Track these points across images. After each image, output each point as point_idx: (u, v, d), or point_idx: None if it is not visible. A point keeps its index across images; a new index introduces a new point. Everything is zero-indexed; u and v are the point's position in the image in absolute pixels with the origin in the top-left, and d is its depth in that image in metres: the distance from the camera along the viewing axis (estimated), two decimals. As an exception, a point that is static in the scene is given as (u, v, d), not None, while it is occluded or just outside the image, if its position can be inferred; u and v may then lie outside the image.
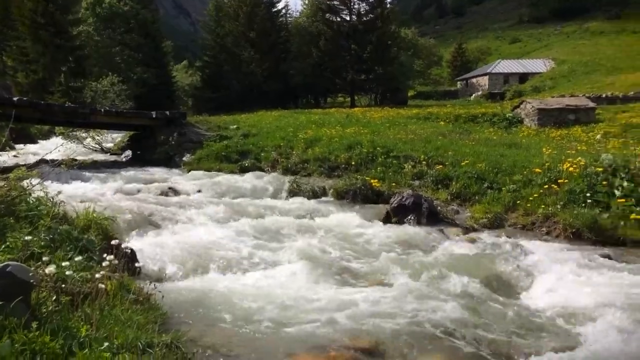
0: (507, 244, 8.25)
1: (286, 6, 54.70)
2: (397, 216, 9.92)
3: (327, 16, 51.29)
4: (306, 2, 56.37)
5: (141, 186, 12.75)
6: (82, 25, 42.67)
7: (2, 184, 5.19)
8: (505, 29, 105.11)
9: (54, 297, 3.45)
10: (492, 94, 53.97)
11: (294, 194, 12.36)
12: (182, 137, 19.75)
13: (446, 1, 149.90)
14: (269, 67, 47.00)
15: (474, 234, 9.13)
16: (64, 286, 3.65)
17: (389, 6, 53.52)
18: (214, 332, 4.48)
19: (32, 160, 16.23)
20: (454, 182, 11.66)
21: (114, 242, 4.58)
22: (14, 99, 17.04)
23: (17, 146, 22.95)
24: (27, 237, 4.21)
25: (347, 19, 51.37)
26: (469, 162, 12.65)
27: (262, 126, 22.26)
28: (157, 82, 45.14)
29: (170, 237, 7.73)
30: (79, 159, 14.74)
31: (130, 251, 5.83)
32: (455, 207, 10.81)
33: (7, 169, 6.35)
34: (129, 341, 3.31)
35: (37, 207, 5.22)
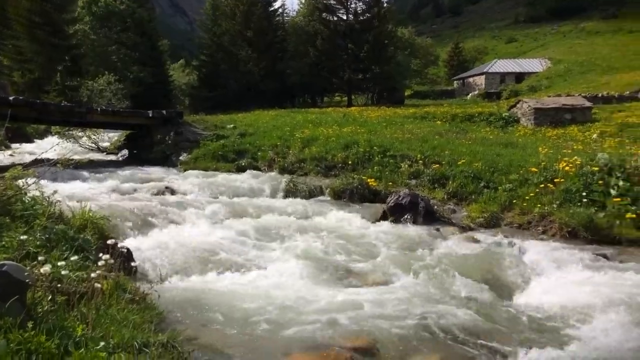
0: (504, 243, 8.28)
1: (283, 5, 55.19)
2: (394, 215, 9.93)
3: (324, 15, 51.32)
4: (303, 1, 56.42)
5: (138, 185, 12.74)
6: (78, 24, 42.64)
7: (-2, 183, 5.17)
8: (501, 28, 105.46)
9: (50, 297, 3.43)
10: (488, 94, 54.13)
11: (290, 194, 12.35)
12: (178, 136, 19.72)
13: (443, 0, 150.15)
14: (265, 67, 47.01)
15: (470, 233, 9.14)
16: (59, 286, 3.64)
17: (385, 5, 53.63)
18: (211, 331, 4.48)
19: (28, 159, 16.20)
20: (451, 182, 11.68)
21: (110, 242, 4.57)
22: (10, 98, 16.96)
23: (13, 145, 22.87)
24: (23, 237, 4.19)
25: (344, 18, 51.42)
26: (465, 161, 12.67)
27: (259, 125, 22.23)
28: (153, 81, 45.09)
29: (166, 237, 7.71)
30: (75, 158, 14.67)
31: (126, 251, 5.82)
32: (451, 207, 10.83)
33: (3, 168, 6.33)
34: (125, 341, 3.30)
35: (33, 207, 5.21)
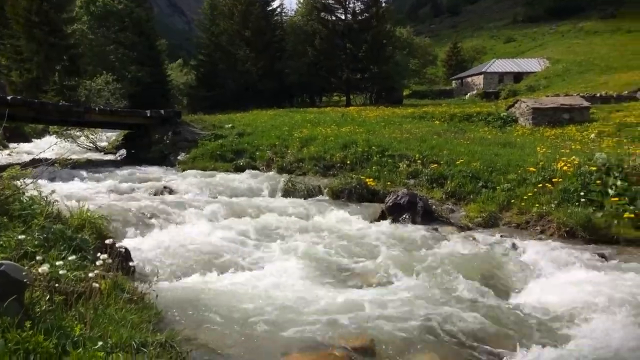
0: (502, 242, 8.29)
1: (281, 5, 54.74)
2: (392, 215, 9.93)
3: (322, 15, 51.28)
4: (301, 0, 56.34)
5: (136, 185, 12.73)
6: (77, 23, 42.48)
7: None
8: (500, 28, 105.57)
9: (48, 297, 3.43)
10: (487, 93, 54.17)
11: (289, 193, 12.35)
12: (176, 136, 19.71)
13: (441, 0, 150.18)
14: (264, 66, 46.95)
15: (468, 232, 9.15)
16: (57, 285, 3.63)
17: (384, 5, 53.70)
18: (209, 331, 4.48)
19: (26, 159, 16.16)
20: (449, 181, 11.69)
21: (108, 241, 4.56)
22: (8, 97, 16.92)
23: (10, 145, 22.82)
24: (21, 236, 4.18)
25: (342, 17, 51.37)
26: (463, 161, 12.68)
27: (257, 125, 22.23)
28: (151, 80, 44.99)
29: (165, 236, 7.71)
30: (73, 158, 14.65)
31: (124, 250, 5.80)
32: (450, 206, 10.84)
33: (0, 168, 6.31)
34: (123, 340, 3.30)
35: (31, 206, 5.19)
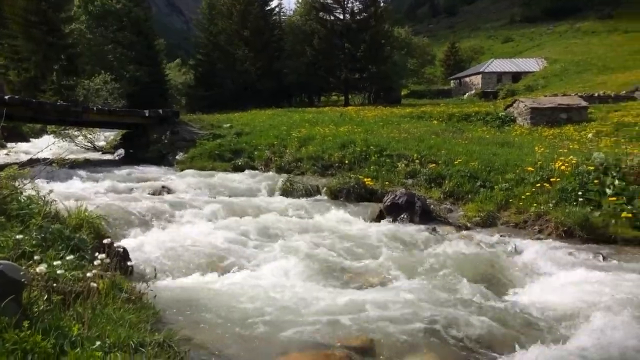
0: (500, 242, 8.30)
1: (280, 4, 54.70)
2: (391, 215, 9.93)
3: (321, 15, 51.30)
4: (299, 0, 56.33)
5: (134, 185, 12.70)
6: (75, 23, 42.39)
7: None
8: (497, 28, 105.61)
9: (46, 296, 3.42)
10: (485, 93, 54.20)
11: (287, 193, 12.34)
12: (175, 135, 19.70)
13: (439, 0, 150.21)
14: (262, 66, 46.93)
15: (467, 232, 9.16)
16: (55, 285, 3.63)
17: (382, 5, 53.67)
18: (207, 331, 4.47)
19: (24, 158, 16.13)
20: (447, 181, 11.70)
21: (106, 241, 4.55)
22: (6, 97, 16.90)
23: (8, 145, 22.78)
24: (19, 236, 4.17)
25: (341, 17, 51.40)
26: (462, 160, 12.69)
27: (256, 125, 22.23)
28: (149, 80, 44.92)
29: (163, 236, 7.71)
30: (71, 157, 14.63)
31: (122, 250, 5.81)
32: (448, 206, 10.85)
33: (-2, 168, 6.32)
34: (121, 340, 3.29)
35: (29, 206, 5.19)
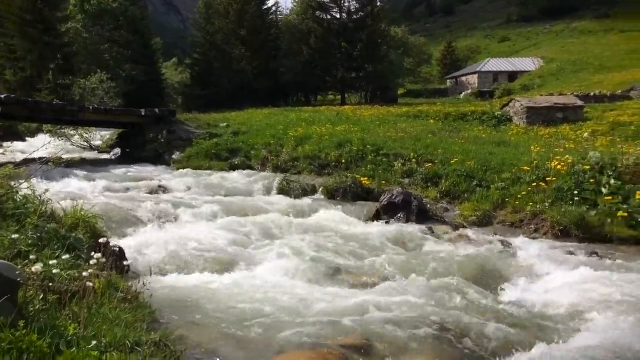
0: (496, 241, 8.32)
1: (276, 3, 54.86)
2: (387, 214, 9.95)
3: (318, 14, 51.29)
4: (296, -1, 56.37)
5: (130, 184, 12.69)
6: (71, 22, 42.25)
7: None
8: (494, 27, 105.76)
9: (41, 296, 3.41)
10: (481, 93, 54.25)
11: (284, 192, 12.32)
12: (171, 135, 19.66)
13: (435, 0, 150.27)
14: (259, 65, 46.89)
15: (463, 231, 9.17)
16: (51, 285, 3.62)
17: (379, 4, 53.67)
18: (203, 330, 4.47)
19: (20, 158, 16.08)
20: (444, 180, 11.72)
21: (102, 241, 4.55)
22: (2, 96, 16.85)
23: (4, 144, 22.65)
24: (14, 236, 4.17)
25: (338, 16, 51.40)
26: (458, 160, 12.71)
27: (252, 124, 22.20)
28: (146, 79, 44.88)
29: (159, 236, 7.69)
30: (67, 157, 14.61)
31: (118, 249, 5.81)
32: (444, 205, 10.87)
33: (-6, 167, 6.30)
34: (117, 340, 3.29)
35: (25, 205, 5.17)
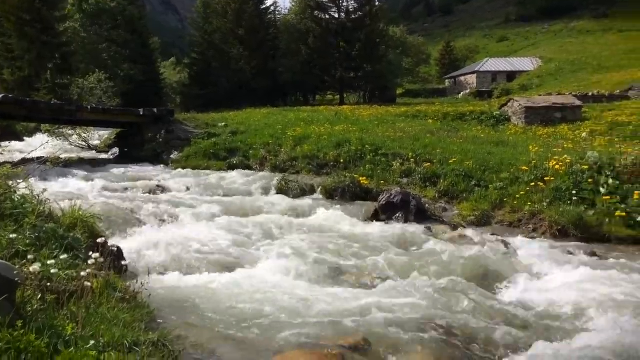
0: (495, 241, 8.30)
1: (275, 3, 54.65)
2: (386, 214, 9.94)
3: (316, 13, 51.31)
4: (295, -1, 56.34)
5: (129, 184, 12.67)
6: (69, 21, 42.14)
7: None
8: (492, 27, 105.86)
9: (39, 296, 3.41)
10: (480, 92, 54.31)
11: (282, 192, 12.31)
12: (170, 134, 19.65)
13: (434, 0, 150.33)
14: (257, 65, 46.87)
15: (461, 231, 9.16)
16: (49, 284, 3.62)
17: (377, 4, 53.78)
18: (202, 330, 4.47)
19: (18, 157, 16.07)
20: (442, 180, 11.72)
21: (100, 240, 4.54)
22: (-1, 95, 16.84)
23: (2, 144, 22.56)
24: (12, 235, 4.16)
25: (336, 16, 51.42)
26: (456, 160, 12.72)
27: (251, 124, 22.19)
28: (144, 79, 44.86)
29: (157, 235, 7.68)
30: (65, 156, 14.60)
31: (116, 249, 5.80)
32: (443, 205, 10.87)
33: (-9, 167, 6.28)
34: (115, 339, 3.29)
35: (22, 205, 5.16)
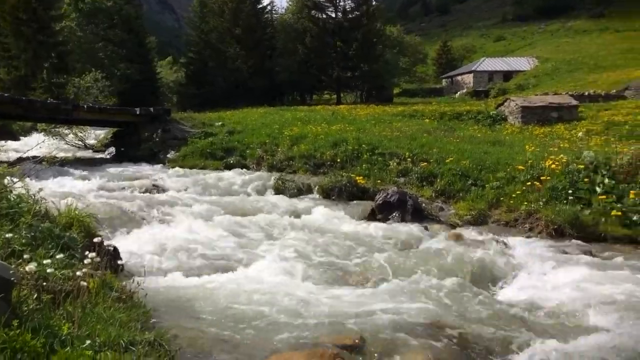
0: (491, 240, 8.31)
1: (271, 2, 54.54)
2: (382, 213, 9.95)
3: (313, 13, 51.25)
4: (292, -2, 56.26)
5: (125, 183, 12.64)
6: (65, 20, 41.99)
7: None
8: (489, 27, 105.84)
9: (35, 295, 3.40)
10: (476, 92, 54.34)
11: (279, 192, 12.32)
12: (166, 133, 19.62)
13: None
14: (254, 64, 46.81)
15: (458, 230, 9.18)
16: (45, 284, 3.61)
17: (374, 3, 53.71)
18: (198, 329, 4.46)
19: (14, 157, 16.03)
20: (439, 179, 11.74)
21: (96, 240, 4.54)
22: (-5, 95, 16.81)
23: (-2, 143, 22.60)
24: (8, 235, 4.15)
25: (333, 16, 51.40)
26: (453, 159, 12.73)
27: (248, 123, 22.18)
28: (141, 78, 44.76)
29: (154, 235, 7.68)
30: (61, 155, 14.55)
31: (113, 249, 5.79)
32: (439, 204, 10.88)
33: (-13, 166, 6.26)
34: (112, 339, 3.28)
35: (18, 205, 5.15)
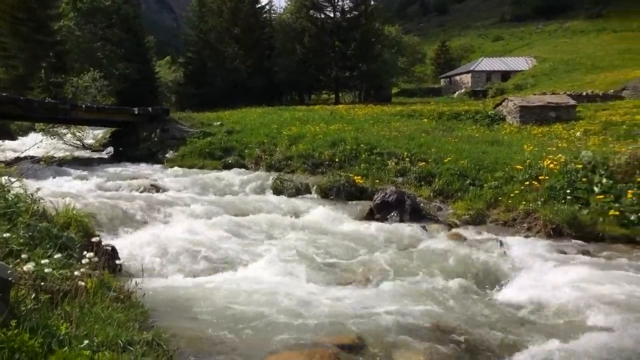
0: (489, 240, 8.34)
1: (270, 2, 54.61)
2: (380, 213, 9.96)
3: (311, 13, 51.19)
4: (290, -2, 56.22)
5: (123, 183, 12.63)
6: (63, 20, 41.90)
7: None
8: (487, 27, 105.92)
9: (33, 295, 3.39)
10: (475, 92, 54.34)
11: (278, 191, 12.33)
12: (165, 133, 19.61)
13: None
14: (253, 64, 46.78)
15: (456, 230, 9.20)
16: (43, 284, 3.60)
17: (372, 3, 53.63)
18: (196, 329, 4.46)
19: (12, 156, 16.02)
20: (437, 179, 11.75)
21: (94, 240, 4.53)
22: (-7, 94, 16.78)
23: (-4, 142, 22.55)
24: (6, 235, 4.14)
25: (331, 15, 51.34)
26: (451, 159, 12.74)
27: (246, 123, 22.17)
28: (139, 77, 44.67)
29: (152, 234, 7.66)
30: (59, 155, 14.54)
31: (111, 248, 5.79)
32: (437, 204, 10.89)
33: (-15, 166, 6.25)
34: (110, 339, 3.28)
35: (16, 204, 5.13)
